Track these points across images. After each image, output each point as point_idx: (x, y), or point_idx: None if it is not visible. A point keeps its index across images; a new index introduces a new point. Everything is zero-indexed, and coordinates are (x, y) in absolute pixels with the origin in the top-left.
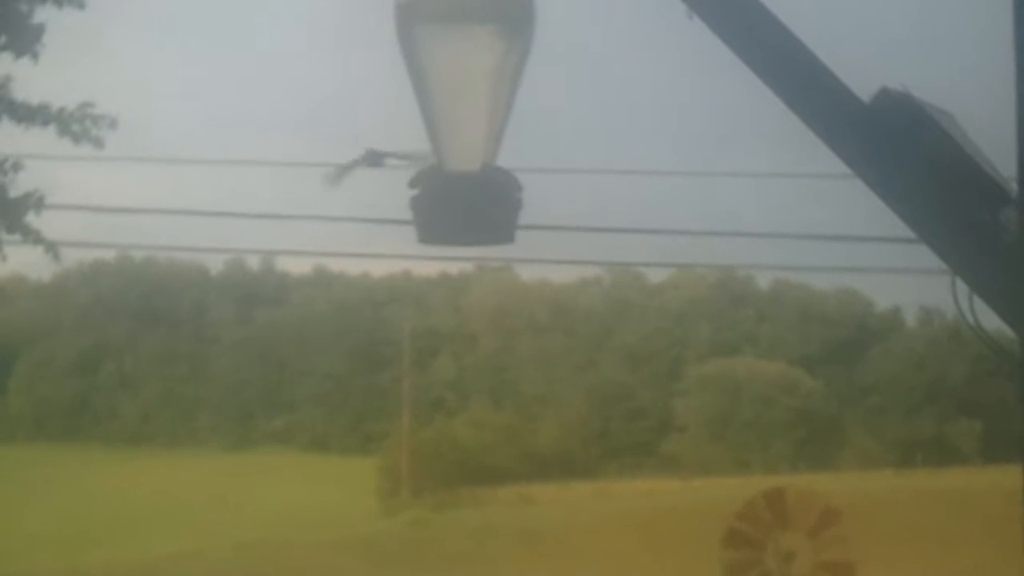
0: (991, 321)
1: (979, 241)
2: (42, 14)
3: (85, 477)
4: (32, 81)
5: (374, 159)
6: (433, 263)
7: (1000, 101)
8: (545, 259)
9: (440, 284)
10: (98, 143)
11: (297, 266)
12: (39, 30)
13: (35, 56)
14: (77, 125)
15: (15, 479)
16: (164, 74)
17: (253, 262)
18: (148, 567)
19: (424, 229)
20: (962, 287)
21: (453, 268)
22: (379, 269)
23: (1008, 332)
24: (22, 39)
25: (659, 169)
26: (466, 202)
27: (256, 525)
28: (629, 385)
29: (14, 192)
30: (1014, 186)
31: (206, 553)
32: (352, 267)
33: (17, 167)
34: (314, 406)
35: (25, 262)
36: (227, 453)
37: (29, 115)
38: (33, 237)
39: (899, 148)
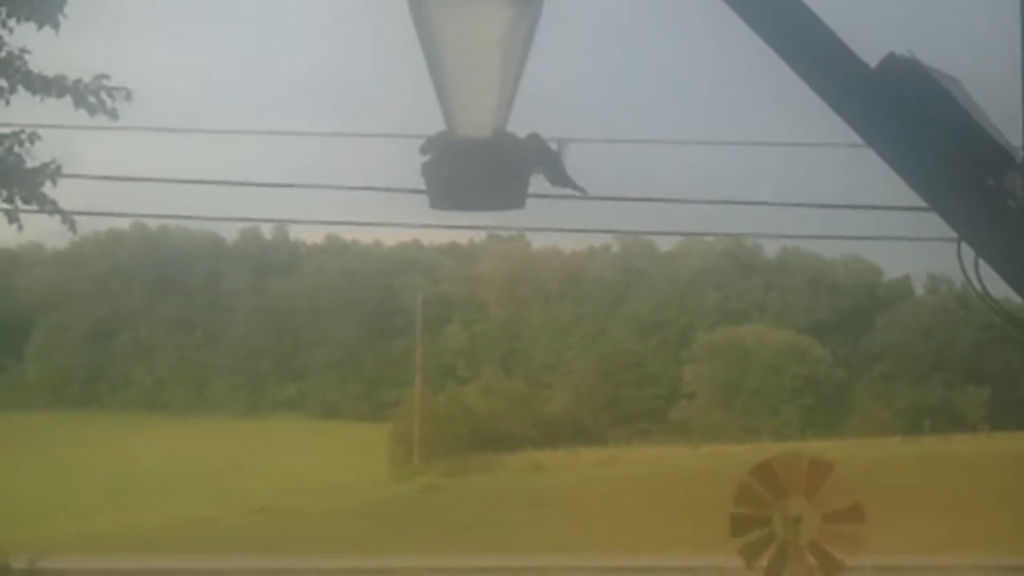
0: (998, 288)
1: (985, 206)
2: None
3: (100, 444)
4: (48, 53)
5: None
6: (445, 232)
7: (1007, 66)
8: (555, 228)
9: (451, 253)
10: (113, 115)
11: (310, 235)
12: (61, 1)
13: (56, 26)
14: (93, 97)
15: (31, 445)
16: (179, 46)
17: (267, 231)
18: (163, 532)
19: (435, 195)
20: (968, 253)
21: (464, 237)
22: (391, 238)
23: (1015, 298)
24: (45, 9)
25: (669, 138)
26: (477, 168)
27: (269, 491)
28: (639, 353)
29: (31, 163)
30: (1020, 152)
31: (220, 518)
32: (364, 236)
33: (33, 138)
34: (326, 374)
35: (42, 231)
36: (240, 420)
37: (45, 87)
38: (50, 207)
39: (905, 113)
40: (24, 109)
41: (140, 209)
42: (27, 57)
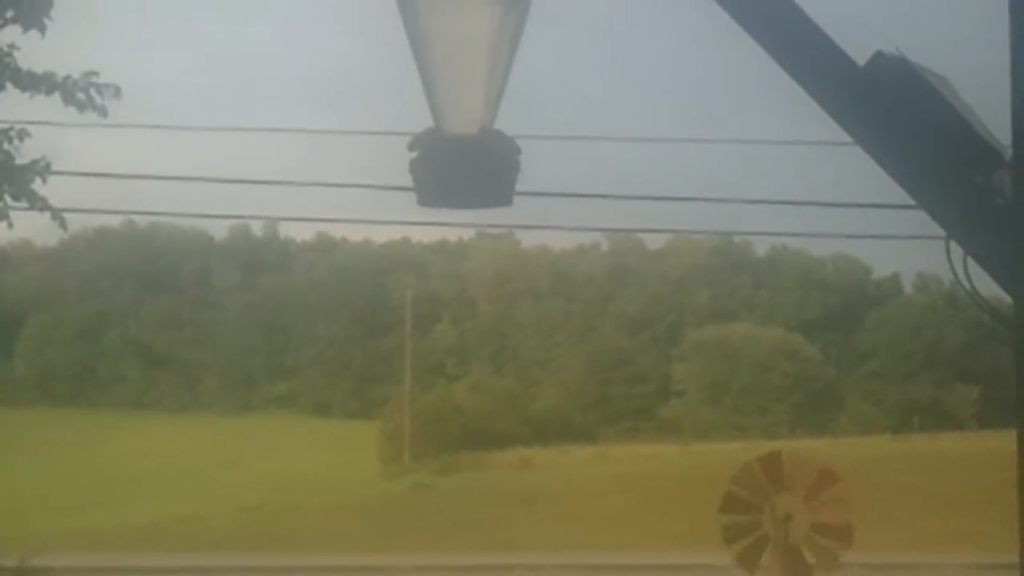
0: (987, 286)
1: (974, 204)
2: None
3: (90, 441)
4: (37, 49)
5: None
6: (434, 229)
7: (995, 64)
8: (545, 225)
9: (441, 250)
10: (102, 112)
11: (300, 232)
12: (47, 3)
13: (42, 30)
14: (82, 94)
15: (21, 442)
16: (169, 44)
17: (257, 228)
18: (153, 530)
19: (423, 192)
20: (957, 251)
21: (453, 235)
22: (380, 236)
23: (1004, 296)
24: (31, 12)
25: (658, 136)
26: (465, 165)
27: (260, 488)
28: (628, 351)
29: (20, 160)
30: (1009, 150)
31: (210, 516)
32: (354, 234)
33: (23, 135)
34: (317, 371)
35: (31, 228)
36: (231, 417)
37: (34, 83)
38: (39, 204)
39: (894, 111)
40: (13, 106)
41: (130, 206)
42: (15, 54)
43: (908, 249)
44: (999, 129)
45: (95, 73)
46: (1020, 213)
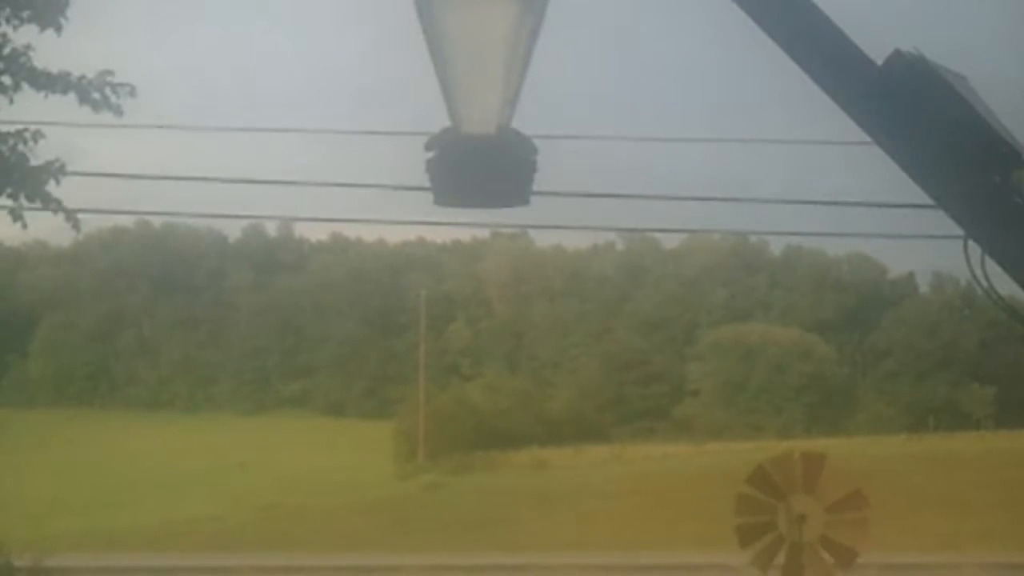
0: (1005, 285)
1: (991, 203)
2: None
3: (105, 441)
4: (52, 50)
5: None
6: (449, 230)
7: (1014, 64)
8: (560, 225)
9: (455, 251)
10: (117, 111)
11: (314, 232)
12: (64, 3)
13: (59, 29)
14: (97, 93)
15: (35, 443)
16: (184, 44)
17: (271, 229)
18: (168, 530)
19: (440, 191)
20: (975, 251)
21: (468, 235)
22: (395, 236)
23: (1021, 295)
24: (48, 12)
25: (674, 136)
26: (482, 164)
27: (274, 489)
28: (643, 350)
29: (35, 161)
30: None
31: (225, 516)
32: (368, 234)
33: (38, 136)
34: (331, 371)
35: (46, 229)
36: (245, 418)
37: (49, 83)
38: (54, 205)
39: (912, 110)
40: (28, 106)
41: (144, 206)
42: (31, 54)
43: (924, 248)
44: (1017, 128)
45: (110, 72)
46: None
